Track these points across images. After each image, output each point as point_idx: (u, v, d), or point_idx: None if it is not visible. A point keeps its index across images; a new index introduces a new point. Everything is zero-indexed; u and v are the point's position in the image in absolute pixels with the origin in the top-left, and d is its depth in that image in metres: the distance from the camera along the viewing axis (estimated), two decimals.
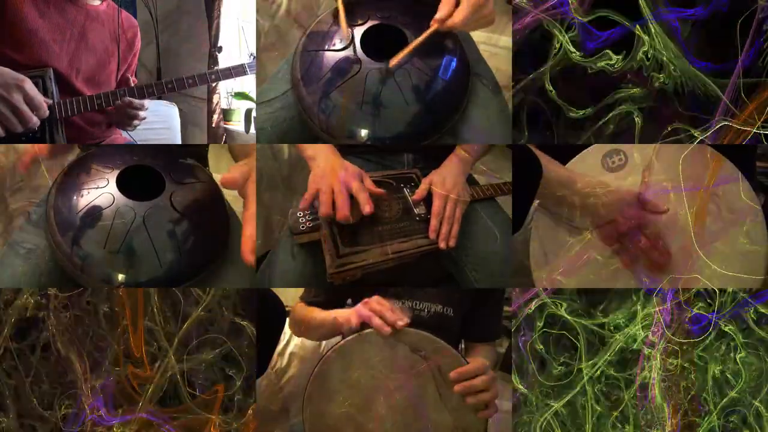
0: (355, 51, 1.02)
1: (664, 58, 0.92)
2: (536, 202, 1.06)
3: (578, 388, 1.00)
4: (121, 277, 0.92)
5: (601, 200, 1.01)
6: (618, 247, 1.02)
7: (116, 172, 0.99)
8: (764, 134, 0.93)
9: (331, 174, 0.98)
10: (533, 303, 1.01)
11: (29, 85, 1.12)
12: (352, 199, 0.96)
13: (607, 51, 0.96)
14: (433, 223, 1.01)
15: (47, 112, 1.15)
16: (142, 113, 1.29)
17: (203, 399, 1.03)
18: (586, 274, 1.03)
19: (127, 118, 1.28)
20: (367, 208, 0.95)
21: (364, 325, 0.95)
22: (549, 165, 1.00)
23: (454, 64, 1.05)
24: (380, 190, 1.01)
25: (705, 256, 0.97)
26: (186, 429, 1.02)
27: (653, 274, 1.01)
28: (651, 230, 1.00)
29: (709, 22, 0.94)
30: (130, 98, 1.24)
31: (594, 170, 1.04)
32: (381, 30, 1.05)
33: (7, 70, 1.10)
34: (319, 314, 1.10)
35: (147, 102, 1.29)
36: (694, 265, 0.98)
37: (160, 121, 1.64)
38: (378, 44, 1.04)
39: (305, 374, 1.36)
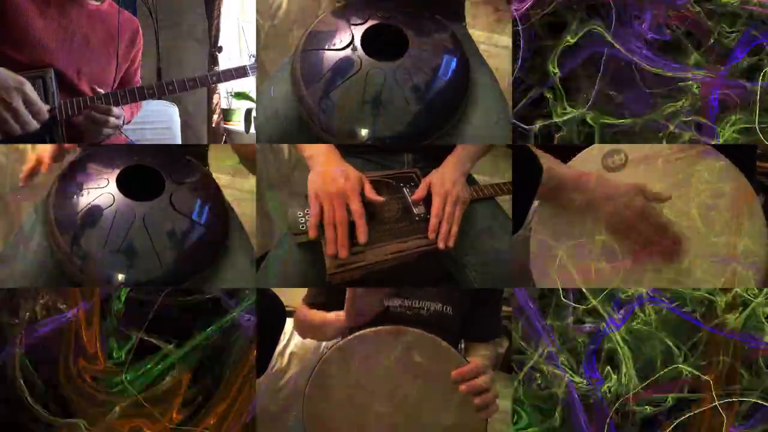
0: (355, 50, 1.02)
1: None
2: (536, 202, 1.06)
3: None
4: (121, 277, 0.92)
5: (602, 194, 1.01)
6: (626, 239, 1.03)
7: (116, 172, 0.99)
8: None
9: (331, 186, 0.97)
10: None
11: (29, 88, 1.11)
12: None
13: None
14: (433, 222, 1.00)
15: (47, 116, 1.15)
16: (112, 120, 1.21)
17: None
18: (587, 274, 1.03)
19: (94, 126, 1.21)
20: (361, 237, 0.95)
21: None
22: (549, 164, 1.00)
23: (454, 63, 1.05)
24: (380, 198, 1.01)
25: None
26: None
27: (665, 262, 1.01)
28: (657, 218, 1.00)
29: None
30: (93, 105, 1.19)
31: (594, 170, 1.04)
32: (381, 30, 1.05)
33: (6, 71, 1.10)
34: (318, 315, 1.10)
35: (119, 108, 1.22)
36: None
37: (160, 121, 1.64)
38: (378, 44, 1.04)
39: (305, 374, 1.36)
